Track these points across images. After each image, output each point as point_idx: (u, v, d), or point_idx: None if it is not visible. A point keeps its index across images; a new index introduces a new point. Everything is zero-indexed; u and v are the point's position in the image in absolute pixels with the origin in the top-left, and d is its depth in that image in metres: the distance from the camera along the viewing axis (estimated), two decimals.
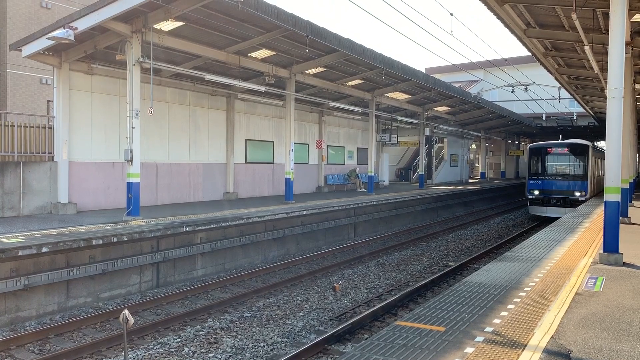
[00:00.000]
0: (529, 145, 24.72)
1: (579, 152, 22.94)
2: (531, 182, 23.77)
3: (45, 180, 14.44)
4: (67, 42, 11.75)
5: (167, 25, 13.93)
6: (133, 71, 13.40)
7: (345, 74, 20.95)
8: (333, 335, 8.39)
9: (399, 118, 29.10)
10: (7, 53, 21.84)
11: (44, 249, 9.55)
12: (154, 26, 13.43)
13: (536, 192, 23.47)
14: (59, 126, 14.74)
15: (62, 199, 14.64)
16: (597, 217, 15.53)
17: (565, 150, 23.20)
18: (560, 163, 23.22)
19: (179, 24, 13.86)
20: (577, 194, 22.39)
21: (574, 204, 21.95)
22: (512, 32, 13.96)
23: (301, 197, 21.69)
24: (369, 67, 19.74)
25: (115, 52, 14.02)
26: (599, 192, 26.67)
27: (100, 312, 9.90)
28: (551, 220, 19.79)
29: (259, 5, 12.63)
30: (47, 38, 12.33)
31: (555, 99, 33.47)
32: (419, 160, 33.76)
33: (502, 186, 38.63)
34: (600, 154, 27.43)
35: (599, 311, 6.06)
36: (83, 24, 12.46)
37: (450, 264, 14.96)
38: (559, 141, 24.27)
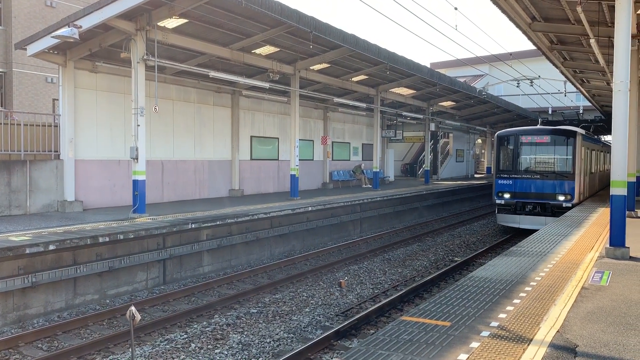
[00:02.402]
0: (497, 132, 19.15)
1: (563, 141, 17.45)
2: (499, 181, 18.18)
3: (52, 179, 14.51)
4: (71, 40, 11.79)
5: (171, 23, 13.95)
6: (138, 69, 13.42)
7: (350, 70, 20.90)
8: (339, 330, 8.41)
9: (404, 113, 29.03)
10: (12, 52, 21.92)
11: (51, 247, 9.61)
12: (158, 24, 13.45)
13: (506, 196, 17.91)
14: (65, 124, 14.80)
15: (68, 196, 14.71)
16: (603, 211, 15.44)
17: (545, 138, 17.59)
18: (538, 156, 17.72)
19: (182, 21, 13.88)
20: (561, 197, 16.99)
21: (556, 211, 16.84)
22: (517, 26, 13.87)
23: (306, 194, 21.70)
24: (374, 63, 19.70)
25: (119, 50, 14.05)
26: (592, 194, 21.21)
27: (107, 309, 9.97)
28: (526, 233, 15.57)
29: (262, 1, 12.62)
30: (52, 37, 12.36)
31: (561, 92, 33.31)
32: (424, 156, 33.68)
33: None
34: (594, 144, 21.54)
35: (605, 305, 6.03)
36: (87, 22, 12.49)
37: (456, 259, 14.94)
38: (537, 127, 18.94)
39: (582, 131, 19.25)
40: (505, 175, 18.04)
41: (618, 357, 4.50)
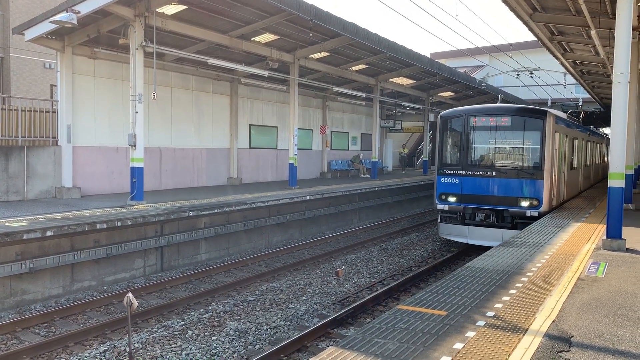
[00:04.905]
0: (440, 113, 14.70)
1: (528, 124, 12.90)
2: (442, 180, 13.74)
3: (50, 165, 14.48)
4: (70, 25, 11.68)
5: (170, 9, 13.84)
6: (136, 55, 13.34)
7: (350, 59, 20.81)
8: (336, 319, 8.44)
9: (403, 103, 28.96)
10: (10, 37, 21.76)
11: (49, 233, 9.61)
12: (157, 10, 13.35)
13: (451, 199, 13.51)
14: (63, 110, 14.73)
15: (66, 183, 14.69)
16: (600, 204, 15.47)
17: (504, 120, 13.04)
18: (494, 145, 13.35)
19: (181, 7, 13.77)
20: (524, 203, 12.65)
21: (518, 222, 12.75)
22: (518, 16, 13.80)
23: (305, 183, 21.70)
24: (374, 52, 19.61)
25: (118, 36, 13.95)
26: (572, 197, 16.67)
27: (104, 295, 10.00)
28: (480, 249, 12.49)
29: None
30: (50, 22, 12.26)
31: (561, 84, 33.17)
32: (423, 146, 33.63)
33: None
34: (575, 131, 16.69)
35: (601, 296, 6.06)
36: (86, 8, 12.36)
37: (453, 249, 14.98)
38: (493, 105, 14.03)
39: (558, 112, 14.98)
40: (450, 172, 13.63)
41: (613, 348, 4.53)
